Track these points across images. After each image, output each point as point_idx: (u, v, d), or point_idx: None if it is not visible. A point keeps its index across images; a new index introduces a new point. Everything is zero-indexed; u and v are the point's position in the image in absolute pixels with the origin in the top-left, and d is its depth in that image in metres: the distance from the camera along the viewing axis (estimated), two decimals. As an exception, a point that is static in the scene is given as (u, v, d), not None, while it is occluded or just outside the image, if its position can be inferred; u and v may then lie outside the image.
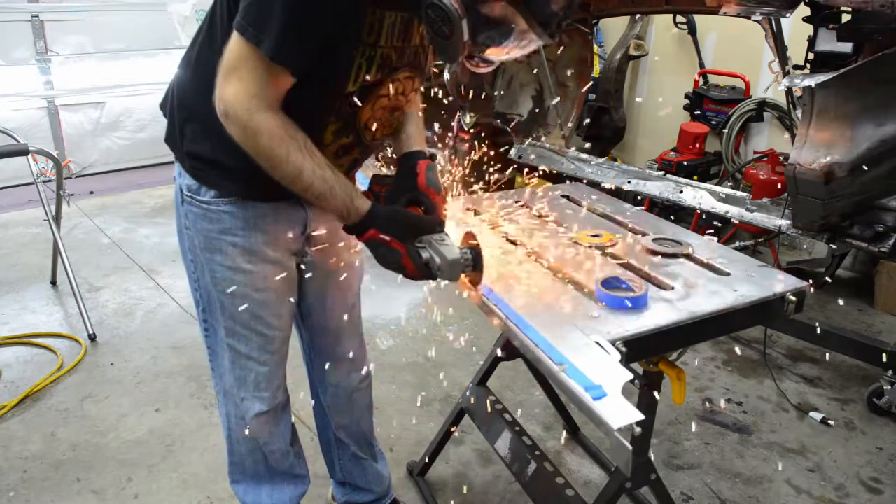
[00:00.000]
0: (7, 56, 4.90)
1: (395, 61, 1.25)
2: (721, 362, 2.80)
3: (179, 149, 1.35)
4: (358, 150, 1.37)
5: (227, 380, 1.52)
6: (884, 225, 2.34)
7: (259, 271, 1.39)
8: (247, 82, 1.10)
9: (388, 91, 1.30)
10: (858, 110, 2.09)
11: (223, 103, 1.12)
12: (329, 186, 1.19)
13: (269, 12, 1.06)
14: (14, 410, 2.42)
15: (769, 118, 3.99)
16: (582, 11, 3.70)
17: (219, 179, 1.31)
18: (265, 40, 1.07)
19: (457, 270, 1.25)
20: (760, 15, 2.51)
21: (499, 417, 1.81)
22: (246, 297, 1.40)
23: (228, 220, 1.34)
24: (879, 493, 2.08)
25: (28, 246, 3.98)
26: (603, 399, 0.96)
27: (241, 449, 1.62)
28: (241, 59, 1.10)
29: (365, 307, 3.33)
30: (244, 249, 1.36)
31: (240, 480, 1.69)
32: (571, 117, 3.89)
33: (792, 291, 1.31)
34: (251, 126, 1.12)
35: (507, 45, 1.11)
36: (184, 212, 1.40)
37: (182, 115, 1.33)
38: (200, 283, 1.44)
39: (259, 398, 1.51)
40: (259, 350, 1.46)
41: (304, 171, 1.16)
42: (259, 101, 1.11)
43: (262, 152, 1.14)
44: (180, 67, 1.36)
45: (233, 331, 1.44)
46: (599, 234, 1.57)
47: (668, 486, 1.75)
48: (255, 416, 1.52)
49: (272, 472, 1.65)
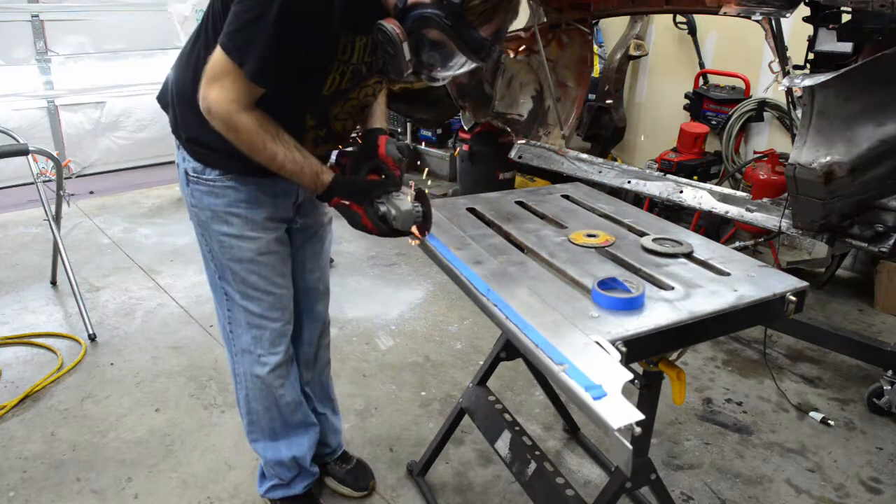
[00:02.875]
0: (7, 56, 4.90)
1: (364, 73, 1.46)
2: (721, 362, 2.80)
3: (182, 137, 1.53)
4: (332, 140, 1.59)
5: (244, 340, 1.68)
6: (884, 225, 2.34)
7: (262, 238, 1.58)
8: (228, 90, 1.29)
9: (358, 94, 1.52)
10: (858, 110, 2.09)
11: (206, 103, 1.32)
12: (299, 167, 1.40)
13: (253, 40, 1.24)
14: (14, 410, 2.42)
15: (769, 118, 3.99)
16: (582, 11, 3.70)
17: (220, 160, 1.48)
18: (246, 63, 1.26)
19: (410, 219, 1.44)
20: (760, 15, 2.51)
21: (499, 417, 1.81)
22: (253, 262, 1.58)
23: (233, 194, 1.52)
24: (879, 493, 2.08)
25: (28, 246, 3.98)
26: (603, 399, 0.96)
27: (258, 407, 1.76)
28: (224, 72, 1.29)
29: (365, 307, 3.34)
30: (248, 220, 1.55)
31: (258, 439, 1.83)
32: (571, 117, 3.89)
33: (792, 291, 1.31)
34: (231, 123, 1.32)
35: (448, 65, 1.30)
36: (190, 191, 1.56)
37: (183, 107, 1.49)
38: (213, 253, 1.61)
39: (274, 353, 1.69)
40: (270, 308, 1.65)
41: (277, 156, 1.37)
42: (237, 105, 1.31)
43: (241, 143, 1.36)
44: (177, 67, 1.53)
45: (246, 294, 1.62)
46: (596, 234, 1.57)
47: (668, 486, 1.75)
48: (272, 370, 1.69)
49: (287, 426, 1.81)
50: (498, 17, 1.25)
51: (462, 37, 1.22)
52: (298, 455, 1.84)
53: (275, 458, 1.83)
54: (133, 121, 5.53)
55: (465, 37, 1.22)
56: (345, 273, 3.62)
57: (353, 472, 2.04)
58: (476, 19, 1.22)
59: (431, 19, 1.22)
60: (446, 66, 1.30)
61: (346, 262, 3.74)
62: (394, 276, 3.59)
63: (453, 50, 1.26)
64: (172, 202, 4.80)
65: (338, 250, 3.83)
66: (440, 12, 1.21)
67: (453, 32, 1.22)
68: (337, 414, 2.05)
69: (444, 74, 1.34)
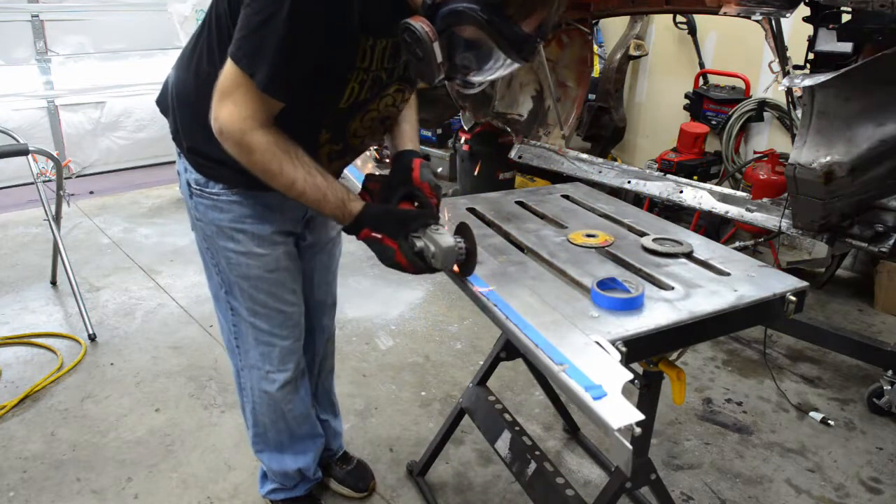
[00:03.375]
0: (7, 56, 4.90)
1: (385, 80, 1.33)
2: (721, 362, 2.80)
3: (184, 146, 1.43)
4: (348, 155, 1.48)
5: (252, 356, 1.62)
6: (884, 225, 2.34)
7: (270, 254, 1.49)
8: (240, 106, 1.17)
9: (378, 105, 1.38)
10: (858, 110, 2.09)
11: (218, 123, 1.19)
12: (322, 193, 1.26)
13: (263, 46, 1.12)
14: (14, 410, 2.42)
15: (769, 118, 3.99)
16: (582, 11, 3.70)
17: (224, 173, 1.38)
18: (257, 73, 1.14)
19: (451, 258, 1.28)
20: (760, 15, 2.51)
21: (499, 417, 1.81)
22: (261, 279, 1.51)
23: (238, 210, 1.44)
24: (879, 493, 2.08)
25: (28, 246, 3.97)
26: (603, 399, 0.96)
27: (265, 420, 1.72)
28: (235, 85, 1.17)
29: (365, 307, 3.34)
30: (255, 235, 1.46)
31: (263, 450, 1.80)
32: (571, 117, 3.89)
33: (792, 291, 1.31)
34: (244, 144, 1.20)
35: (486, 67, 1.15)
36: (194, 204, 1.48)
37: (184, 115, 1.40)
38: (220, 268, 1.53)
39: (284, 370, 1.63)
40: (280, 326, 1.58)
41: (297, 182, 1.24)
42: (252, 122, 1.18)
43: (256, 167, 1.23)
44: (178, 67, 1.42)
45: (254, 311, 1.55)
46: (595, 234, 1.57)
47: (668, 486, 1.75)
48: (281, 387, 1.64)
49: (294, 438, 1.78)
50: (542, 8, 1.10)
51: (502, 33, 1.07)
52: (304, 466, 1.83)
53: (280, 469, 1.81)
54: (133, 121, 5.53)
55: (505, 33, 1.08)
56: (345, 273, 3.61)
57: (354, 472, 2.04)
58: (517, 13, 1.08)
59: (466, 14, 1.07)
60: (483, 68, 1.15)
61: (346, 262, 3.71)
62: (394, 276, 3.59)
63: (492, 48, 1.11)
64: (172, 202, 4.80)
65: (338, 250, 3.82)
66: (476, 6, 1.06)
67: (492, 28, 1.07)
68: (338, 417, 2.05)
69: (481, 79, 1.19)
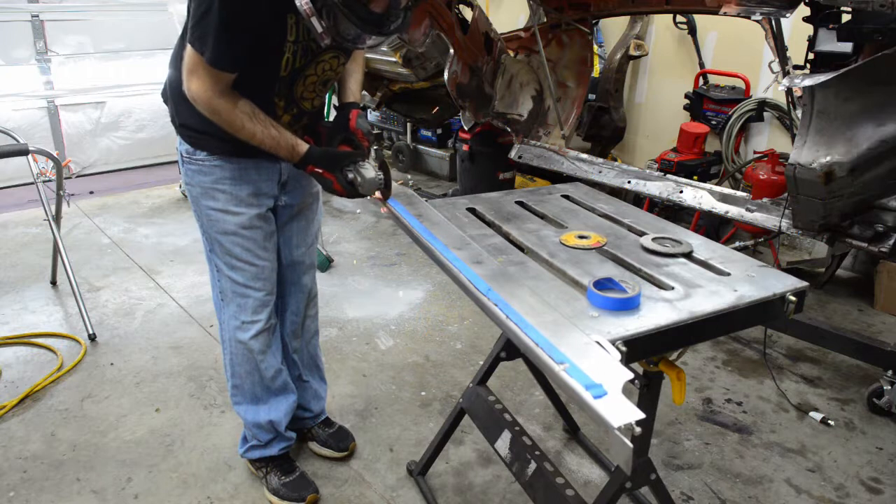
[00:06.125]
0: (7, 56, 4.90)
1: (314, 49, 1.61)
2: (721, 362, 2.80)
3: (177, 124, 1.73)
4: (305, 117, 1.77)
5: (230, 308, 1.85)
6: (884, 225, 2.34)
7: (245, 213, 1.74)
8: (202, 79, 1.50)
9: (315, 70, 1.67)
10: (858, 110, 2.09)
11: (189, 93, 1.54)
12: (276, 142, 1.60)
13: (207, 32, 1.44)
14: (14, 410, 2.42)
15: (769, 118, 3.99)
16: (582, 11, 3.70)
17: (208, 142, 1.68)
18: (206, 52, 1.46)
19: (373, 185, 1.69)
20: (760, 15, 2.51)
21: (499, 417, 1.81)
22: (237, 234, 1.75)
23: (218, 173, 1.71)
24: (879, 493, 2.08)
25: (28, 246, 3.97)
26: (603, 398, 0.96)
27: (241, 371, 1.92)
28: (194, 64, 1.49)
29: (365, 307, 3.34)
30: (232, 196, 1.72)
31: (240, 402, 1.98)
32: (571, 117, 3.89)
33: (792, 291, 1.31)
34: (212, 108, 1.53)
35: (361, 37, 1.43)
36: (185, 170, 1.76)
37: (177, 98, 1.68)
38: (204, 227, 1.79)
39: (256, 320, 1.85)
40: (253, 279, 1.81)
41: (256, 134, 1.57)
42: (214, 91, 1.51)
43: (223, 124, 1.56)
44: (171, 61, 1.72)
45: (231, 264, 1.79)
46: (587, 235, 1.57)
47: (668, 486, 1.75)
48: (254, 336, 1.85)
49: (268, 392, 1.96)
50: None
51: (355, 13, 1.36)
52: (275, 419, 1.97)
53: (254, 420, 1.97)
54: (133, 121, 5.53)
55: (358, 12, 1.36)
56: (345, 273, 3.62)
57: (335, 434, 2.19)
58: None
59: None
60: (359, 38, 1.43)
61: (346, 262, 3.74)
62: (394, 276, 3.59)
63: None
64: (172, 202, 4.80)
65: (338, 250, 3.83)
66: None
67: (346, 10, 1.35)
68: (323, 382, 2.21)
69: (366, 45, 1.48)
